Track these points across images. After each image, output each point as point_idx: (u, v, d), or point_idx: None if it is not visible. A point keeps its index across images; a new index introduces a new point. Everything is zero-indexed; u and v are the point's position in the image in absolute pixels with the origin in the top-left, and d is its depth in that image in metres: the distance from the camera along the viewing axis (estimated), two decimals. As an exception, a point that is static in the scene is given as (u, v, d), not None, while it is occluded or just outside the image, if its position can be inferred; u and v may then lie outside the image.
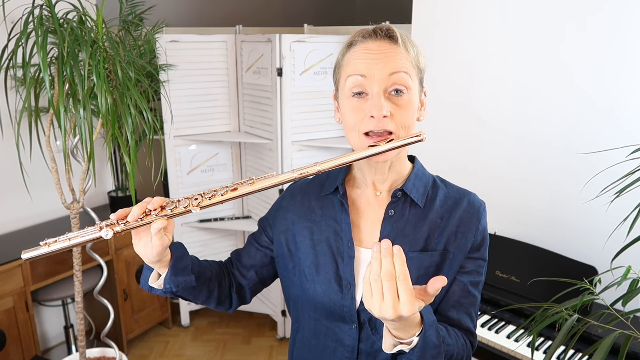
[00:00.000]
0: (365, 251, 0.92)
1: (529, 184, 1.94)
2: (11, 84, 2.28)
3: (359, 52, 0.84)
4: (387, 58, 0.82)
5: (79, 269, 1.95)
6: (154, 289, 0.90)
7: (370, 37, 0.85)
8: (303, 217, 0.97)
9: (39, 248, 0.76)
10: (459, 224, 0.91)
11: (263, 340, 2.94)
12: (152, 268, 0.89)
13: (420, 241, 0.89)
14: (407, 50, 0.85)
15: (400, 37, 0.84)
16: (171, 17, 3.20)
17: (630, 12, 1.61)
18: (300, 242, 0.96)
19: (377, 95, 0.81)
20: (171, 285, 0.86)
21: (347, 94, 0.85)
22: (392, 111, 0.81)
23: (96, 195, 2.92)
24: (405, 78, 0.82)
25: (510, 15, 1.89)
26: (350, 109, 0.84)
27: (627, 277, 0.99)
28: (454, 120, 2.11)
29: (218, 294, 0.96)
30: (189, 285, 0.89)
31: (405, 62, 0.83)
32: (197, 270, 0.91)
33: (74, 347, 2.62)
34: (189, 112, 2.77)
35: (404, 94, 0.82)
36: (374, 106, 0.80)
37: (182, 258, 0.87)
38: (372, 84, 0.82)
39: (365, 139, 0.82)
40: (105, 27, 1.69)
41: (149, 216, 0.77)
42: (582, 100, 1.76)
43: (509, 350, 1.60)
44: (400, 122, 0.82)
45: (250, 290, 1.02)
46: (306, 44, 2.52)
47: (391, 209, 0.91)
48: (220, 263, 1.02)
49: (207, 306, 0.98)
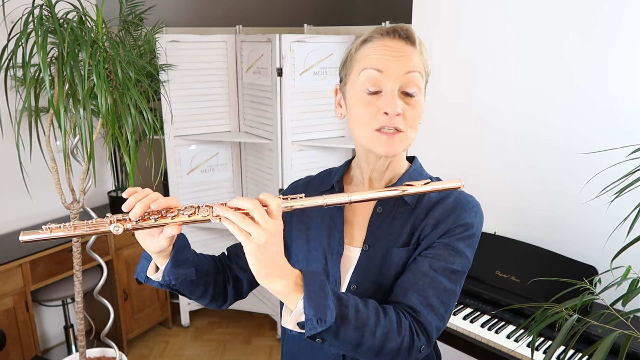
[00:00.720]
0: (354, 250, 0.92)
1: (529, 184, 1.94)
2: (11, 84, 2.28)
3: (377, 48, 0.84)
4: (404, 57, 0.83)
5: (79, 269, 1.95)
6: (150, 280, 0.88)
7: (388, 35, 0.85)
8: (301, 212, 0.98)
9: (39, 232, 0.71)
10: (439, 215, 0.88)
11: (263, 340, 2.94)
12: (150, 258, 0.86)
13: (403, 237, 0.89)
14: (421, 54, 0.86)
15: (418, 40, 0.86)
16: (171, 17, 3.20)
17: (630, 12, 1.61)
18: (295, 237, 0.98)
19: (392, 93, 0.82)
20: (170, 278, 0.84)
21: (360, 88, 0.84)
22: (404, 110, 0.82)
23: (96, 195, 2.92)
24: (418, 78, 0.84)
25: (510, 15, 1.89)
26: (362, 103, 0.84)
27: (627, 277, 0.99)
28: (453, 121, 2.11)
29: (213, 289, 0.95)
30: (189, 279, 0.87)
31: (419, 63, 0.85)
32: (197, 264, 0.90)
33: (74, 347, 2.62)
34: (189, 112, 2.77)
35: (416, 95, 0.84)
36: (389, 103, 0.81)
37: (184, 250, 0.85)
38: (387, 81, 0.82)
39: (378, 135, 0.83)
40: (105, 27, 1.69)
41: (164, 218, 0.75)
42: (582, 100, 1.76)
43: (509, 350, 1.60)
44: (409, 122, 0.83)
45: (248, 283, 1.01)
46: (306, 44, 2.52)
47: (379, 206, 0.92)
48: (215, 258, 1.01)
49: (200, 302, 0.96)
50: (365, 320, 0.74)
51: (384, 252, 0.89)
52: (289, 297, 0.72)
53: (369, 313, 0.75)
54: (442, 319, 0.82)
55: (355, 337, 0.73)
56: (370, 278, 0.89)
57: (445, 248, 0.85)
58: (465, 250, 0.86)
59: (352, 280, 0.90)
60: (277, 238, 0.71)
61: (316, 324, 0.69)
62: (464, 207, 0.88)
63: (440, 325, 0.82)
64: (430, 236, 0.87)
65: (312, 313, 0.69)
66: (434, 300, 0.81)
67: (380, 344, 0.74)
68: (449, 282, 0.83)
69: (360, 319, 0.73)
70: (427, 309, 0.81)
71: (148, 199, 0.75)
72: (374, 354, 0.75)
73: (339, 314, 0.71)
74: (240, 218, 0.69)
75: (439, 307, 0.82)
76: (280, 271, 0.71)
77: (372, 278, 0.89)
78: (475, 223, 0.88)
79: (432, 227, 0.87)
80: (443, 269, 0.83)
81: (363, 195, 0.77)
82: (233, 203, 0.72)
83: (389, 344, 0.75)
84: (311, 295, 0.70)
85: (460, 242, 0.86)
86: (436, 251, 0.85)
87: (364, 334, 0.73)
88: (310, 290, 0.71)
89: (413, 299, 0.81)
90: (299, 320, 0.72)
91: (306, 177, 1.06)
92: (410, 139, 0.86)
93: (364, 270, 0.90)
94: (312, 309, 0.69)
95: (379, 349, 0.75)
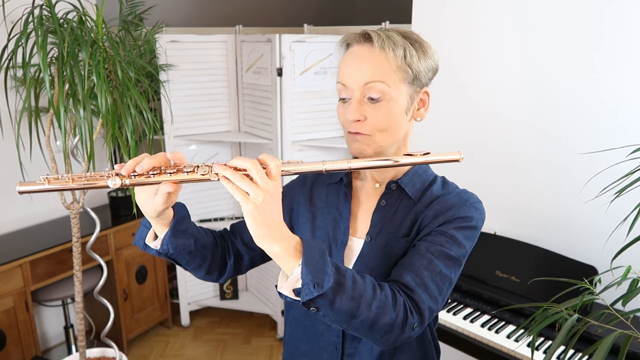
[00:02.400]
0: (357, 241, 0.95)
1: (529, 184, 1.94)
2: (11, 84, 2.28)
3: (345, 59, 0.90)
4: (362, 66, 0.86)
5: (79, 269, 1.95)
6: (148, 248, 0.88)
7: (354, 41, 0.89)
8: (309, 201, 1.01)
9: (37, 183, 0.71)
10: (440, 208, 0.90)
11: (263, 340, 2.94)
12: (150, 226, 0.86)
13: (405, 228, 0.92)
14: (385, 53, 0.85)
15: (381, 39, 0.85)
16: (171, 17, 3.20)
17: (632, 12, 1.61)
18: (302, 225, 1.01)
19: (354, 101, 0.87)
20: (169, 247, 0.85)
21: (338, 96, 0.91)
22: (367, 115, 0.86)
23: (96, 195, 2.92)
24: (379, 87, 0.85)
25: (511, 15, 1.89)
26: (339, 110, 0.91)
27: (627, 277, 0.99)
28: (453, 120, 2.11)
29: (209, 263, 0.96)
30: (187, 249, 0.88)
31: (380, 68, 0.85)
32: (196, 236, 0.91)
33: (74, 347, 2.62)
34: (189, 112, 2.77)
35: (380, 99, 0.86)
36: (349, 111, 0.87)
37: (184, 220, 0.86)
38: (351, 91, 0.88)
39: (350, 137, 0.89)
40: (105, 27, 1.69)
41: (163, 174, 0.74)
42: (582, 100, 1.76)
43: (509, 350, 1.60)
44: (374, 126, 0.87)
45: (250, 259, 1.02)
46: (306, 44, 2.52)
47: (383, 199, 0.95)
48: (215, 233, 1.01)
49: (195, 274, 0.97)
50: (362, 292, 0.74)
51: (385, 243, 0.92)
52: (287, 262, 0.72)
53: (366, 286, 0.75)
54: (436, 300, 0.83)
55: (350, 308, 0.73)
56: (372, 268, 0.92)
57: (443, 235, 0.87)
58: (463, 240, 0.87)
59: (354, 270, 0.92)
60: (276, 198, 0.71)
61: (312, 289, 0.69)
62: (464, 202, 0.90)
63: (433, 306, 0.82)
64: (429, 225, 0.89)
65: (309, 278, 0.69)
66: (429, 281, 0.82)
67: (374, 317, 0.74)
68: (444, 266, 0.85)
69: (357, 290, 0.74)
70: (421, 288, 0.81)
71: (141, 157, 0.75)
72: (367, 328, 0.75)
73: (336, 282, 0.72)
74: (238, 177, 0.70)
75: (433, 288, 0.83)
76: (278, 233, 0.71)
77: (373, 268, 0.92)
78: (475, 217, 0.90)
79: (432, 218, 0.89)
80: (439, 253, 0.85)
81: (363, 163, 0.80)
82: (232, 162, 0.72)
83: (383, 318, 0.75)
84: (310, 260, 0.70)
85: (459, 231, 0.87)
86: (434, 237, 0.87)
87: (359, 306, 0.73)
88: (309, 256, 0.71)
89: (408, 277, 0.82)
90: (295, 287, 0.72)
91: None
92: (380, 141, 0.88)
93: (365, 261, 0.93)
94: (309, 274, 0.69)
95: (372, 322, 0.75)
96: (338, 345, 0.96)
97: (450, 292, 0.88)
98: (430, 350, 1.02)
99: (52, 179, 0.71)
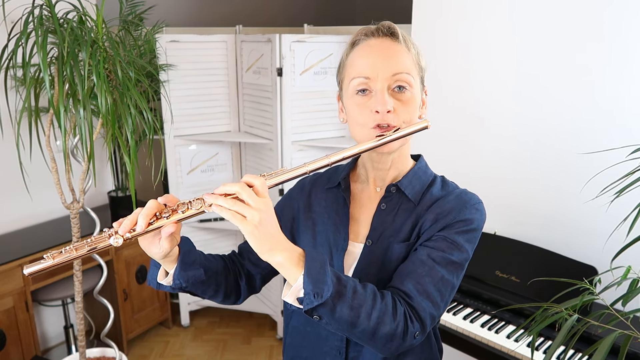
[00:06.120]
0: (357, 245, 0.95)
1: (529, 184, 1.94)
2: (11, 84, 2.28)
3: (362, 51, 0.87)
4: (390, 57, 0.85)
5: (79, 269, 1.95)
6: (162, 286, 0.90)
7: (372, 35, 0.88)
8: (309, 209, 1.01)
9: (42, 262, 0.73)
10: (440, 211, 0.89)
11: (263, 340, 2.94)
12: (159, 265, 0.88)
13: (405, 232, 0.91)
14: (408, 49, 0.88)
15: (402, 35, 0.87)
16: (171, 17, 3.20)
17: (631, 13, 1.61)
18: (302, 232, 1.00)
19: (381, 92, 0.84)
20: (181, 281, 0.86)
21: (352, 92, 0.88)
22: (395, 107, 0.84)
23: (96, 195, 2.92)
24: (407, 78, 0.86)
25: (511, 16, 1.89)
26: (355, 105, 0.87)
27: (627, 277, 0.99)
28: (453, 121, 2.11)
29: (224, 288, 0.97)
30: (199, 280, 0.89)
31: (407, 60, 0.87)
32: (205, 265, 0.92)
33: (74, 347, 2.62)
34: (189, 112, 2.77)
35: (407, 90, 0.86)
36: (378, 102, 0.84)
37: (190, 252, 0.87)
38: (375, 83, 0.85)
39: (374, 132, 0.85)
40: (105, 27, 1.69)
41: (160, 220, 0.76)
42: (582, 100, 1.76)
43: (509, 350, 1.60)
44: (403, 118, 0.85)
45: (261, 278, 1.04)
46: (306, 44, 2.52)
47: (384, 203, 0.94)
48: (224, 257, 1.03)
49: (214, 301, 0.99)
50: (362, 301, 0.76)
51: (386, 247, 0.91)
52: (290, 271, 0.74)
53: (366, 295, 0.77)
54: (437, 307, 0.83)
55: (350, 316, 0.75)
56: (372, 273, 0.91)
57: (444, 240, 0.86)
58: (464, 244, 0.87)
59: (354, 275, 0.93)
60: (270, 214, 0.74)
61: (313, 298, 0.72)
62: (465, 204, 0.89)
63: (434, 312, 0.83)
64: (430, 230, 0.88)
65: (310, 287, 0.72)
66: (430, 287, 0.82)
67: (375, 327, 0.76)
68: (446, 272, 0.84)
69: (356, 299, 0.76)
70: (422, 295, 0.82)
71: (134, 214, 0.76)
72: (368, 337, 0.77)
73: (336, 291, 0.74)
74: (231, 202, 0.72)
75: (435, 294, 0.83)
76: (280, 245, 0.74)
77: (373, 273, 0.91)
78: (476, 219, 0.89)
79: (432, 221, 0.88)
80: (441, 259, 0.85)
81: (342, 154, 0.80)
82: (220, 190, 0.74)
83: (383, 327, 0.77)
84: (311, 271, 0.73)
85: (460, 235, 0.87)
86: (435, 243, 0.86)
87: (359, 315, 0.75)
88: (311, 266, 0.74)
89: (409, 285, 0.82)
90: (298, 296, 0.75)
91: (314, 174, 1.07)
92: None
93: (365, 265, 0.92)
94: (310, 283, 0.72)
95: (373, 331, 0.77)
96: (342, 350, 0.96)
97: (453, 295, 0.88)
98: (434, 351, 1.02)
99: (56, 254, 0.73)
